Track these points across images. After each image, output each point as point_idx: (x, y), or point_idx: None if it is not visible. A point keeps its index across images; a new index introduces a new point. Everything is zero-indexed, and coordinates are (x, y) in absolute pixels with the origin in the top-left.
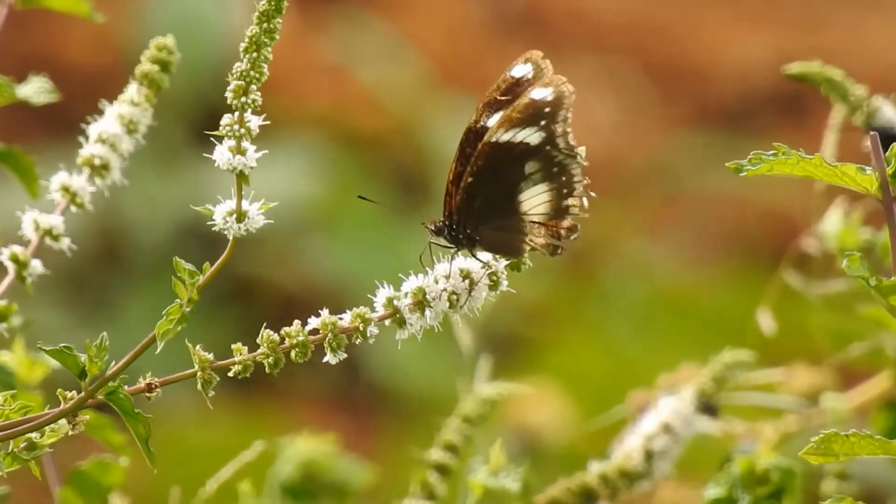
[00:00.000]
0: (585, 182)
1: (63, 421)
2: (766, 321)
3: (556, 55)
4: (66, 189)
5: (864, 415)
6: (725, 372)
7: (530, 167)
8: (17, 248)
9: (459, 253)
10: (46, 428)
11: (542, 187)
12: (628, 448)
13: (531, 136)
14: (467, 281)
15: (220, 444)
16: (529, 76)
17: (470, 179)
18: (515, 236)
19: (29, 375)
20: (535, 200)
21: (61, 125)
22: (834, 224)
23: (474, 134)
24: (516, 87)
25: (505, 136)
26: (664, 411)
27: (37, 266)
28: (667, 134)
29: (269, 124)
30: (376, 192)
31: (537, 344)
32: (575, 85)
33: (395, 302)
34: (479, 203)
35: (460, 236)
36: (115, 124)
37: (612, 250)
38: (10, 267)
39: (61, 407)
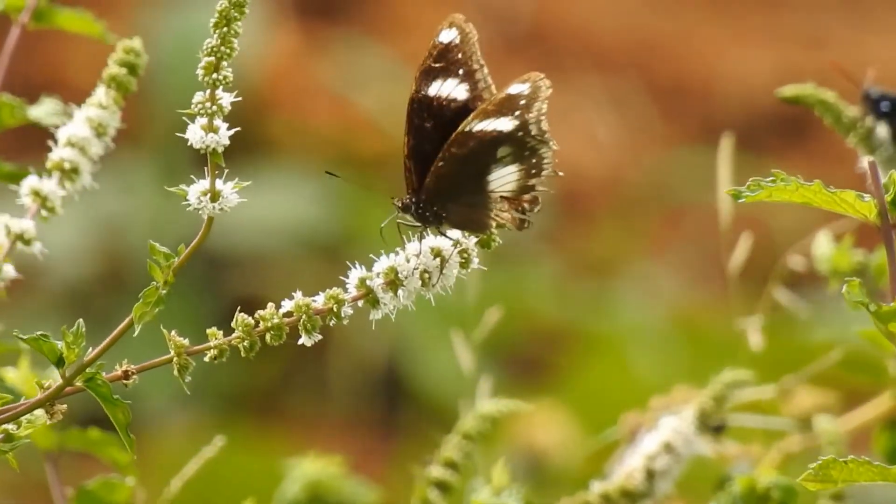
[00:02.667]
0: (553, 162)
1: (41, 411)
2: (754, 338)
3: (558, 74)
4: (36, 193)
5: (867, 436)
6: (726, 391)
7: (503, 151)
8: None
9: (428, 232)
10: (23, 419)
11: (512, 168)
12: (630, 467)
13: (505, 123)
14: (438, 259)
15: (228, 466)
16: (457, 41)
17: (441, 164)
18: (482, 212)
19: (33, 393)
20: (503, 180)
21: None
22: (824, 246)
23: (418, 104)
24: (447, 53)
25: (479, 126)
26: (665, 431)
27: (9, 271)
28: (669, 152)
29: (271, 146)
30: (378, 215)
31: (549, 365)
32: (577, 103)
33: (368, 282)
34: (448, 183)
35: (427, 213)
36: (83, 127)
37: (617, 269)
38: None
39: (39, 396)
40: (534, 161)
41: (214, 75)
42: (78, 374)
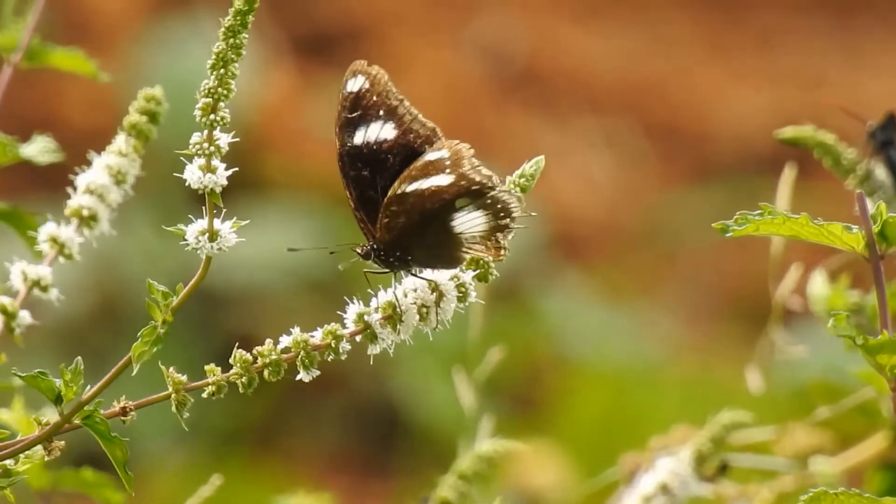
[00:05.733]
0: (522, 204)
1: (39, 447)
2: (754, 379)
3: (554, 115)
4: (54, 240)
5: (861, 475)
6: (724, 433)
7: (461, 201)
8: (5, 300)
9: (404, 273)
10: (21, 455)
11: (478, 213)
12: None
13: (441, 179)
14: (436, 294)
15: (220, 502)
16: (367, 86)
17: (386, 220)
18: (452, 250)
19: (28, 432)
20: (471, 224)
21: (60, 184)
22: (820, 287)
23: (348, 157)
24: (360, 100)
25: (412, 186)
26: (662, 472)
27: (25, 317)
28: (665, 193)
29: (267, 184)
30: None
31: (546, 402)
32: (573, 144)
33: (366, 317)
34: (403, 232)
35: (391, 259)
36: (103, 175)
37: (613, 308)
38: None
39: (37, 433)
40: (499, 206)
41: (212, 116)
42: (76, 411)
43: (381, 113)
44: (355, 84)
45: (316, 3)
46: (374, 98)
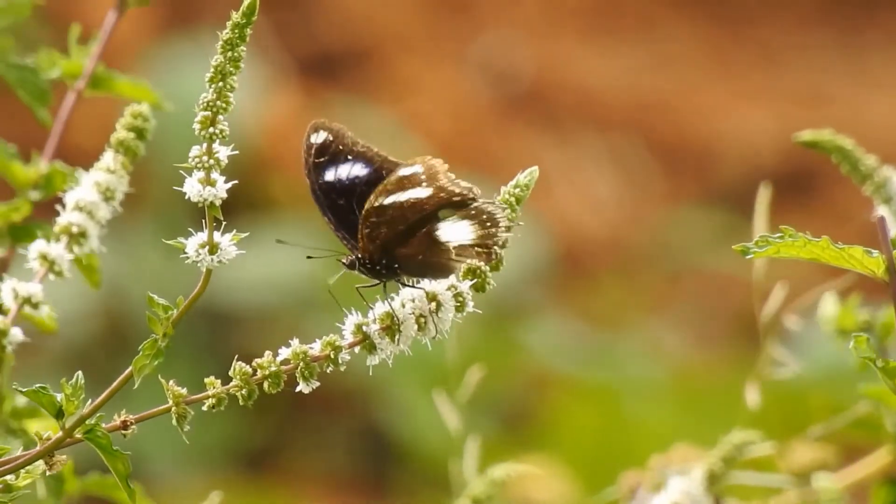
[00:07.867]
0: (506, 212)
1: (40, 462)
2: (752, 396)
3: (558, 133)
4: (43, 257)
5: (866, 490)
6: (735, 452)
7: (444, 213)
8: None
9: (400, 285)
10: (22, 471)
11: (465, 223)
12: None
13: (420, 192)
14: (433, 303)
15: None
16: (330, 138)
17: (367, 230)
18: (442, 259)
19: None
20: (459, 233)
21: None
22: (829, 306)
23: (322, 191)
24: (326, 149)
25: (390, 199)
26: (674, 493)
27: (17, 334)
28: (670, 211)
29: (272, 204)
30: None
31: (546, 418)
32: (578, 162)
33: (364, 328)
34: (386, 242)
35: (377, 267)
36: (91, 192)
37: (617, 326)
38: None
39: (38, 448)
40: (484, 216)
41: (211, 129)
42: (77, 425)
43: (350, 157)
44: (318, 138)
45: (320, 24)
46: (340, 147)
